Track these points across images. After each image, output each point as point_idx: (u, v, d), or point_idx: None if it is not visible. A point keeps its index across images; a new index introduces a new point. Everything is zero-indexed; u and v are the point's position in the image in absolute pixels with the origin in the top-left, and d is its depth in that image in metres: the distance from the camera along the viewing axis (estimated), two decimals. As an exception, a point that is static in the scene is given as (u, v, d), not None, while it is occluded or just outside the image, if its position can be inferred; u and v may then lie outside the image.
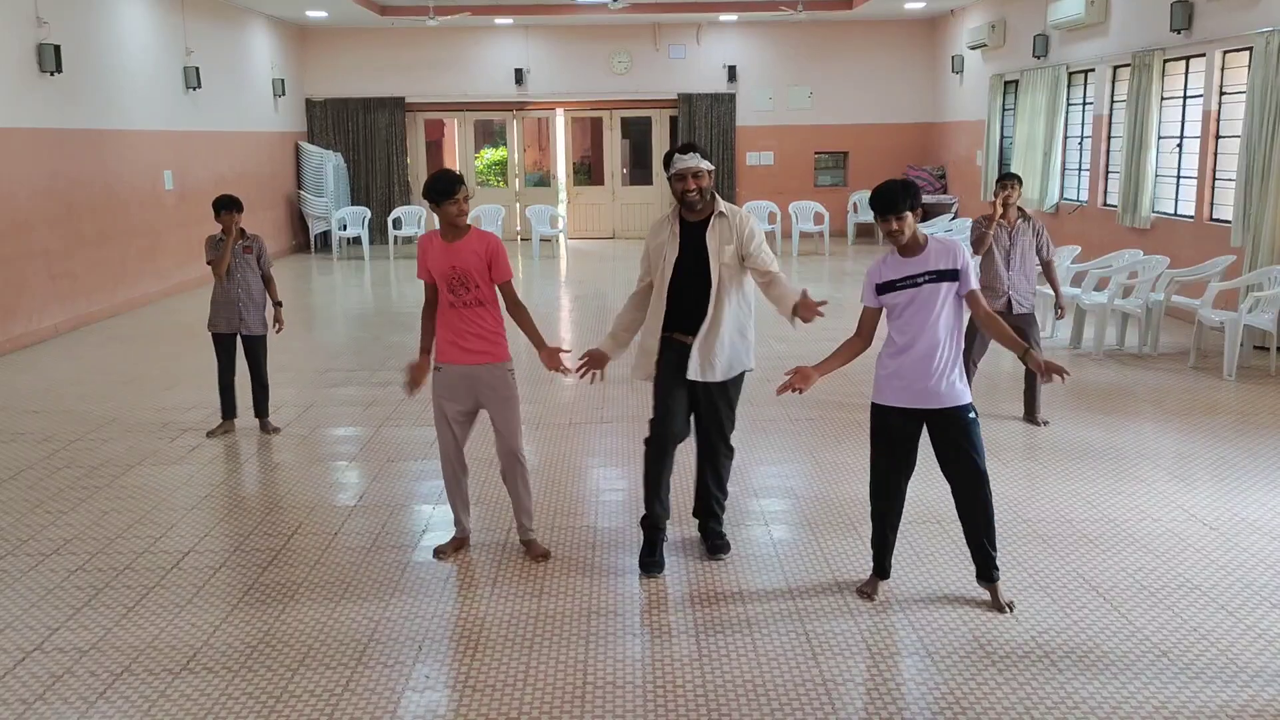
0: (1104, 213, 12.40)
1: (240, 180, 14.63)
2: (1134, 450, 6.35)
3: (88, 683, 3.75)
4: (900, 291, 4.09)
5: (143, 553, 4.93)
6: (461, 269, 4.55)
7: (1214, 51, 10.15)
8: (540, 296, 13.41)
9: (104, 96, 11.54)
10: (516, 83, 18.38)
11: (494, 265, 4.62)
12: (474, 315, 4.60)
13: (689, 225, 4.53)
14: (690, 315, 4.53)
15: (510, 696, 3.63)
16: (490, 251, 4.61)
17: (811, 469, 6.09)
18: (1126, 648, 3.90)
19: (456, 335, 4.65)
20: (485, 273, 4.59)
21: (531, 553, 4.80)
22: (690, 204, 4.45)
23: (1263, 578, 4.50)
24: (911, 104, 18.54)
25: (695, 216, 4.52)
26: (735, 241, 4.47)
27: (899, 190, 4.03)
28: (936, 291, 4.05)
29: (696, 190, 4.43)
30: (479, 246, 4.61)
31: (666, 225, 4.59)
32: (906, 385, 4.11)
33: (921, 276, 4.06)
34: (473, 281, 4.57)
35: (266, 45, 16.52)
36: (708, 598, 4.36)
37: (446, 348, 4.69)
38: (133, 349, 9.90)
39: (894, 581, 4.45)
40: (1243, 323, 8.07)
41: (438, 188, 4.54)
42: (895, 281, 4.11)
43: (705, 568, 4.66)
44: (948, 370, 4.08)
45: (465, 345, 4.63)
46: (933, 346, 4.06)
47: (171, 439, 6.80)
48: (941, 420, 4.12)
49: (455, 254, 4.58)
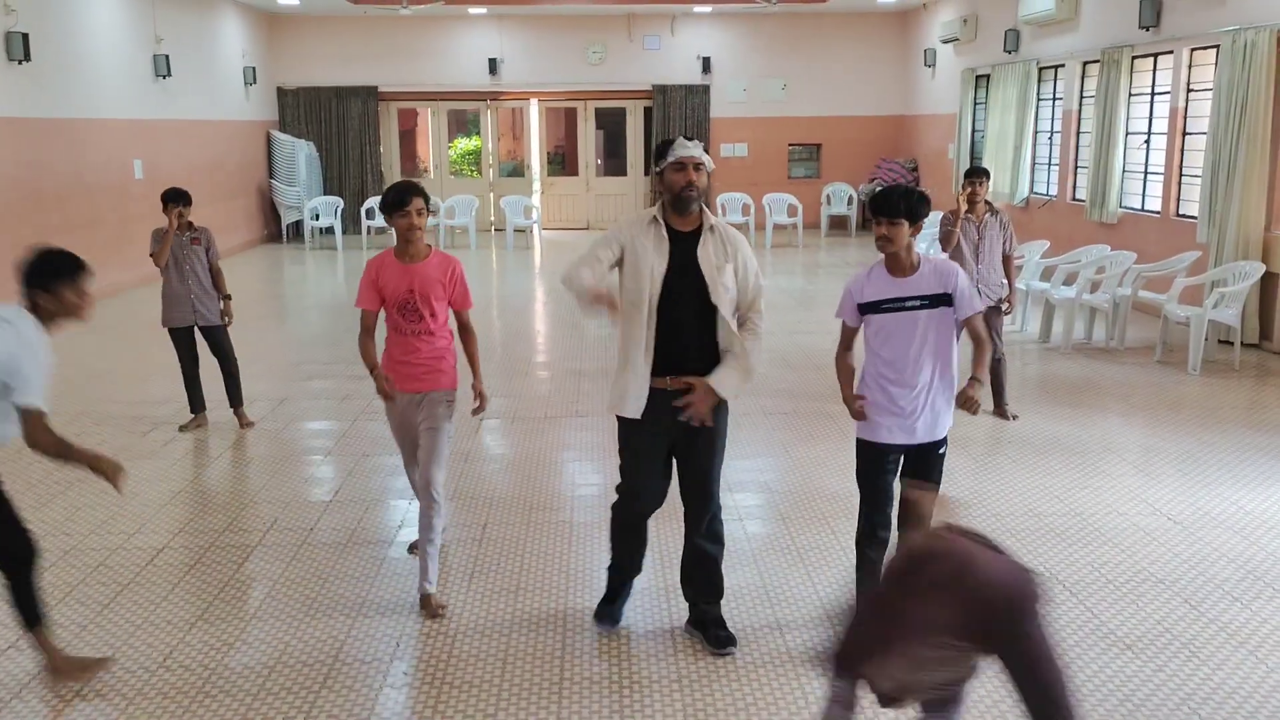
0: (1072, 207, 12.55)
1: (211, 170, 14.52)
2: (1100, 444, 6.46)
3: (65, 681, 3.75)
4: (885, 315, 3.75)
5: (116, 549, 4.92)
6: (421, 293, 4.25)
7: (1182, 49, 10.28)
8: (515, 287, 13.42)
9: (73, 85, 11.41)
10: (490, 73, 18.31)
11: (457, 292, 4.35)
12: (425, 343, 4.31)
13: (677, 236, 3.76)
14: (685, 351, 3.75)
15: (487, 693, 3.66)
16: (454, 277, 4.33)
17: (785, 463, 6.15)
18: (1092, 640, 3.99)
19: (404, 361, 4.34)
20: (444, 299, 4.32)
21: (426, 609, 4.22)
22: (686, 202, 3.71)
23: (1224, 571, 4.60)
24: (884, 97, 18.64)
25: (685, 225, 3.77)
26: (732, 263, 3.77)
27: (899, 195, 3.72)
28: (927, 319, 3.72)
29: (695, 188, 3.71)
30: (441, 271, 4.31)
31: (651, 229, 3.75)
32: (894, 419, 3.77)
33: (911, 301, 3.73)
34: (429, 308, 4.27)
35: (237, 33, 16.37)
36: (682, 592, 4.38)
37: (393, 374, 4.36)
38: (102, 341, 9.81)
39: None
40: (1207, 318, 8.20)
41: (388, 198, 4.24)
42: (880, 303, 3.76)
43: (677, 564, 4.67)
44: (932, 403, 3.78)
45: (414, 372, 4.33)
46: (916, 378, 3.73)
47: (143, 433, 6.77)
48: (917, 454, 3.84)
49: (414, 276, 4.26)
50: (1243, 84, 8.83)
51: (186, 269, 6.64)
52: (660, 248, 3.73)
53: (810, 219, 17.81)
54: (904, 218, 3.69)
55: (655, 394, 3.76)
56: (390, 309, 4.31)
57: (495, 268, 15.07)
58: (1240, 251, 8.87)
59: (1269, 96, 8.66)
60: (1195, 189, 9.97)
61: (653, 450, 3.86)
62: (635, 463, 3.92)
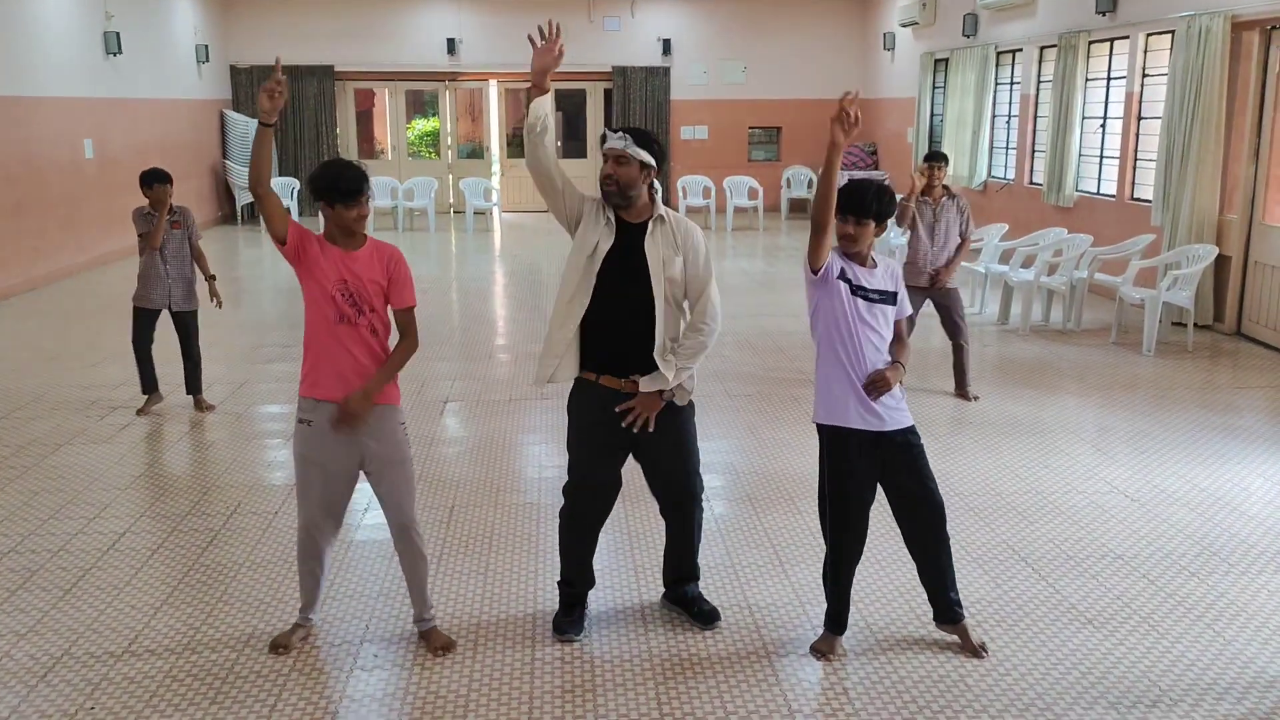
0: (1030, 191, 12.69)
1: (163, 149, 14.25)
2: (1058, 424, 6.56)
3: (27, 666, 3.69)
4: (855, 298, 3.61)
5: (76, 534, 4.85)
6: (355, 285, 3.58)
7: (1137, 34, 10.42)
8: (475, 270, 13.34)
9: (21, 62, 11.13)
10: (449, 52, 18.13)
11: (396, 286, 3.66)
12: (366, 343, 3.62)
13: (625, 224, 3.66)
14: (620, 346, 3.66)
15: (458, 673, 3.66)
16: (393, 268, 3.65)
17: (751, 444, 6.18)
18: (1054, 616, 4.06)
19: (340, 364, 3.61)
20: (382, 294, 3.64)
21: (431, 644, 3.80)
22: (607, 196, 3.62)
23: (1181, 547, 4.70)
24: (844, 80, 18.59)
25: (632, 216, 3.66)
26: (681, 255, 3.66)
27: (872, 192, 3.56)
28: (881, 312, 3.66)
29: (614, 182, 3.57)
30: (378, 261, 3.63)
31: (601, 214, 3.67)
32: (859, 402, 3.62)
33: (873, 293, 3.65)
34: (366, 303, 3.60)
35: (190, 10, 16.06)
36: (653, 573, 4.40)
37: (325, 379, 3.62)
38: (55, 324, 9.63)
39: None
40: (1162, 300, 8.35)
41: (340, 186, 3.51)
42: (856, 287, 3.62)
43: (649, 545, 4.70)
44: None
45: (353, 381, 3.60)
46: (875, 365, 3.62)
47: (100, 417, 6.66)
48: (890, 445, 3.67)
49: (351, 265, 3.59)
50: (1197, 69, 8.96)
51: (167, 252, 6.53)
52: (608, 229, 3.64)
53: (770, 202, 17.86)
54: (873, 219, 3.58)
55: (607, 394, 3.69)
56: (318, 300, 3.58)
57: (455, 250, 14.97)
58: (1194, 235, 9.03)
59: (1223, 82, 8.81)
60: (1150, 173, 10.12)
61: (609, 445, 3.76)
62: (589, 456, 3.79)
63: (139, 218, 6.52)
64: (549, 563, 4.52)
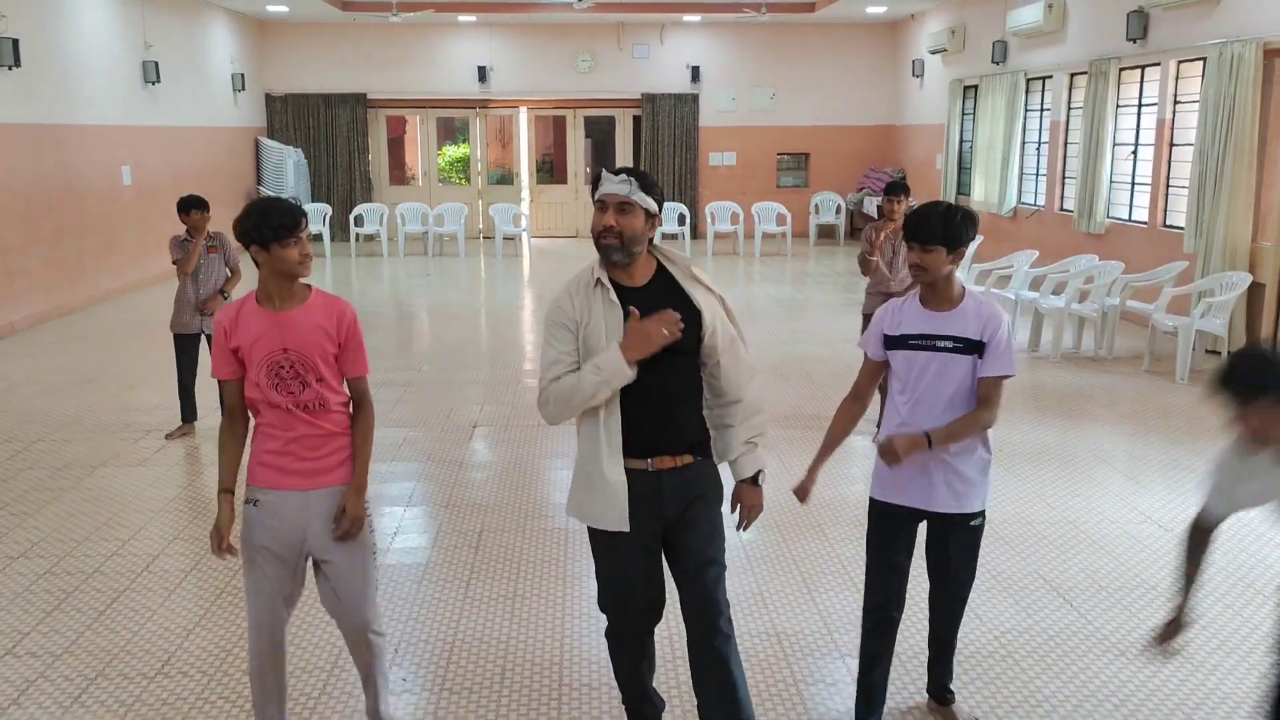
0: (1060, 217, 12.64)
1: (199, 176, 14.48)
2: (1090, 452, 6.51)
3: (62, 687, 3.74)
4: (911, 352, 3.18)
5: (111, 555, 4.91)
6: (298, 352, 3.01)
7: (1169, 61, 10.38)
8: (504, 296, 13.43)
9: (62, 91, 11.38)
10: (480, 80, 18.34)
11: (348, 352, 3.10)
12: (311, 420, 3.05)
13: (628, 295, 2.94)
14: (661, 422, 2.99)
15: (487, 698, 3.67)
16: (344, 330, 3.08)
17: (778, 472, 6.16)
18: (1086, 647, 4.03)
19: (283, 446, 3.06)
20: (331, 359, 3.07)
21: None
22: (605, 252, 2.91)
23: (1215, 578, 4.64)
24: (872, 107, 18.74)
25: (633, 278, 2.97)
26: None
27: (938, 216, 3.12)
28: (956, 364, 3.14)
29: (616, 236, 2.88)
30: (325, 320, 3.05)
31: (598, 294, 2.95)
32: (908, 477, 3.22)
33: (942, 341, 3.14)
34: (313, 372, 3.02)
35: (226, 39, 16.35)
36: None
37: (265, 467, 3.08)
38: (92, 348, 9.78)
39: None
40: (1195, 327, 8.28)
41: (272, 220, 2.95)
42: (908, 338, 3.18)
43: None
44: (955, 465, 3.21)
45: (295, 464, 3.06)
46: (921, 426, 3.16)
47: (135, 440, 6.75)
48: (941, 525, 3.29)
49: (288, 329, 3.01)
50: (1229, 96, 8.92)
51: (202, 277, 6.65)
52: (611, 317, 2.92)
53: (799, 228, 17.87)
54: (940, 244, 3.10)
55: (637, 477, 2.98)
56: (257, 376, 3.01)
57: (484, 275, 15.08)
58: (1227, 262, 8.96)
59: (1255, 109, 8.76)
60: (1182, 200, 10.06)
61: (644, 554, 3.06)
62: (621, 572, 3.08)
63: (175, 245, 6.63)
64: (576, 589, 4.53)
